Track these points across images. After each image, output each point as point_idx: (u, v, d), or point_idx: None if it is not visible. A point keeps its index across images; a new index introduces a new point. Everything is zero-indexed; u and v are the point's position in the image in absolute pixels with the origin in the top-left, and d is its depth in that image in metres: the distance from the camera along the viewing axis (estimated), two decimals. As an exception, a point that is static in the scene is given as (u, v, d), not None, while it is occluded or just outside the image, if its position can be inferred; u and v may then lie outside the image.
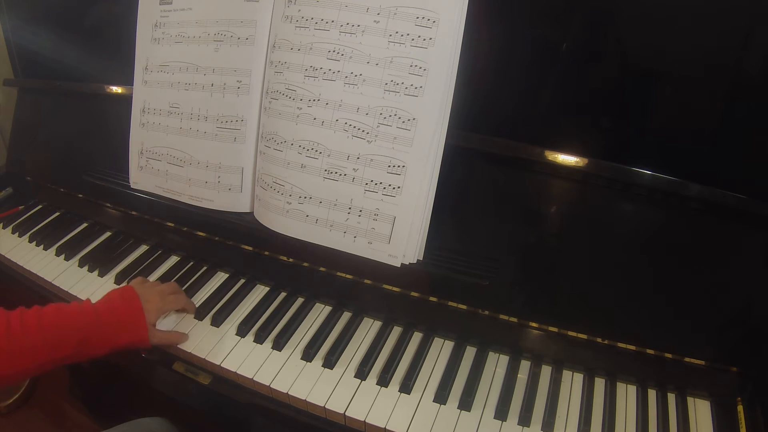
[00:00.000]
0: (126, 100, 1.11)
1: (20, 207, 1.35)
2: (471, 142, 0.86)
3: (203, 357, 0.91)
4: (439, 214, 0.86)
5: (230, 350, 0.92)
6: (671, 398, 0.84)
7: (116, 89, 1.17)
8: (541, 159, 0.83)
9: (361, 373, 0.87)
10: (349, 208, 0.88)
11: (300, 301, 1.01)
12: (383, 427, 0.79)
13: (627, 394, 0.85)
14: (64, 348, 0.80)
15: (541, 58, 0.86)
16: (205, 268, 1.10)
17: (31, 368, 0.79)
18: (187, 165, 1.03)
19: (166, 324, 0.96)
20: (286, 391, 0.84)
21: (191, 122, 1.02)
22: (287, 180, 0.91)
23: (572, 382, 0.87)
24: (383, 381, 0.86)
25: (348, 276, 0.97)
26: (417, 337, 0.94)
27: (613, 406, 0.82)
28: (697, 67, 0.79)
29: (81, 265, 1.13)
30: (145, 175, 1.10)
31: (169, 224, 1.13)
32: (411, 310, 0.94)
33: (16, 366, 0.77)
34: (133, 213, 1.18)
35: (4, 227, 1.28)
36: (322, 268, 0.98)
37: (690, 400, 0.84)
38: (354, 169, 0.87)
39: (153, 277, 1.09)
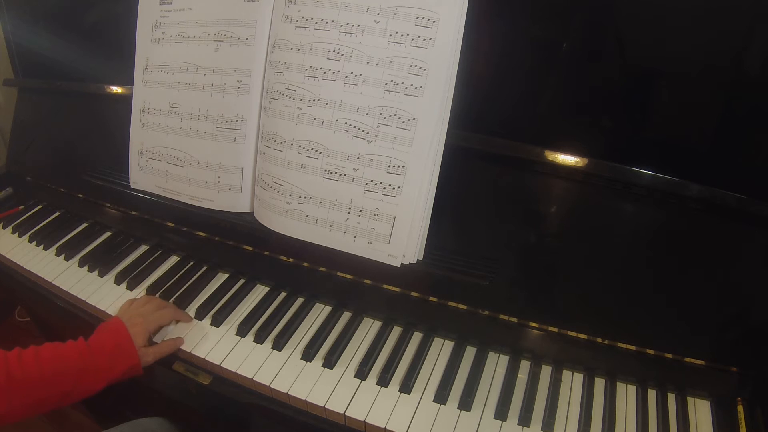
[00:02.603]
0: (126, 100, 1.11)
1: (20, 207, 1.35)
2: (471, 142, 0.86)
3: (203, 357, 0.91)
4: (439, 214, 0.86)
5: (230, 350, 0.92)
6: (671, 398, 0.84)
7: (116, 89, 1.17)
8: (541, 159, 0.83)
9: (361, 373, 0.87)
10: (349, 208, 0.88)
11: (300, 301, 1.01)
12: (383, 427, 0.79)
13: (627, 394, 0.85)
14: (61, 383, 0.80)
15: (541, 57, 0.85)
16: (205, 268, 1.10)
17: (30, 406, 0.79)
18: (187, 165, 1.03)
19: (165, 335, 0.95)
20: (286, 391, 0.84)
21: (191, 122, 1.02)
22: (287, 180, 0.91)
23: (572, 382, 0.87)
24: (383, 381, 0.86)
25: (348, 276, 0.97)
26: (417, 337, 0.94)
27: (613, 406, 0.82)
28: (697, 67, 0.79)
29: (81, 265, 1.13)
30: (145, 175, 1.10)
31: (169, 224, 1.13)
32: (411, 310, 0.94)
33: (15, 403, 0.77)
34: (133, 213, 1.18)
35: (4, 227, 1.28)
36: (322, 268, 0.98)
37: (690, 400, 0.84)
38: (354, 169, 0.87)
39: (153, 277, 1.09)
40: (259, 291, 1.04)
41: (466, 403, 0.82)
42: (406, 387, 0.84)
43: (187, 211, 1.05)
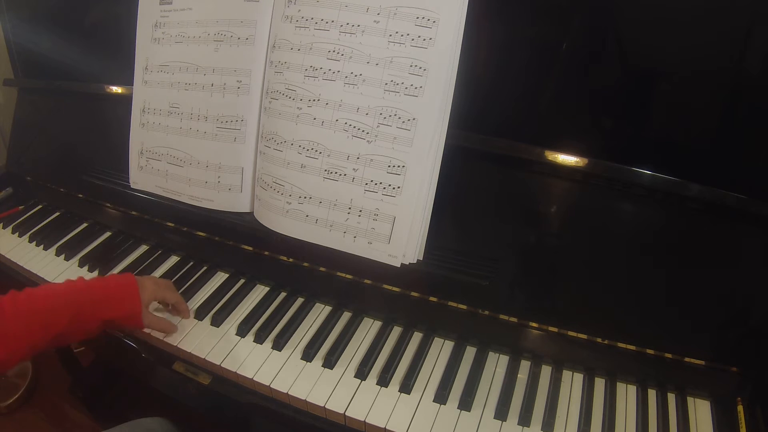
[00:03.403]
0: (126, 100, 1.11)
1: (20, 207, 1.35)
2: (471, 142, 0.86)
3: (203, 357, 0.91)
4: (439, 214, 0.86)
5: (230, 350, 0.91)
6: (671, 398, 0.84)
7: (116, 89, 1.17)
8: (541, 159, 0.83)
9: (361, 373, 0.87)
10: (349, 208, 0.88)
11: (300, 301, 1.01)
12: (383, 427, 0.79)
13: (627, 394, 0.85)
14: (56, 324, 0.79)
15: (541, 58, 0.85)
16: (205, 268, 1.10)
17: (25, 350, 0.78)
18: (187, 165, 1.03)
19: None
20: (286, 391, 0.84)
21: (191, 122, 1.02)
22: (287, 180, 0.91)
23: (572, 382, 0.87)
24: (383, 381, 0.86)
25: (348, 276, 0.97)
26: (417, 337, 0.94)
27: (613, 406, 0.82)
28: (697, 67, 0.79)
29: (81, 265, 1.13)
30: (145, 175, 1.10)
31: (169, 224, 1.13)
32: (411, 310, 0.94)
33: (11, 348, 0.76)
34: (133, 213, 1.18)
35: (4, 227, 1.28)
36: (322, 268, 0.98)
37: (690, 400, 0.84)
38: (354, 169, 0.87)
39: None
40: (259, 291, 1.04)
41: (466, 403, 0.82)
42: (406, 387, 0.84)
43: (187, 211, 1.06)
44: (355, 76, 0.85)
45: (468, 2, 0.79)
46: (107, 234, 1.23)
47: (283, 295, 1.03)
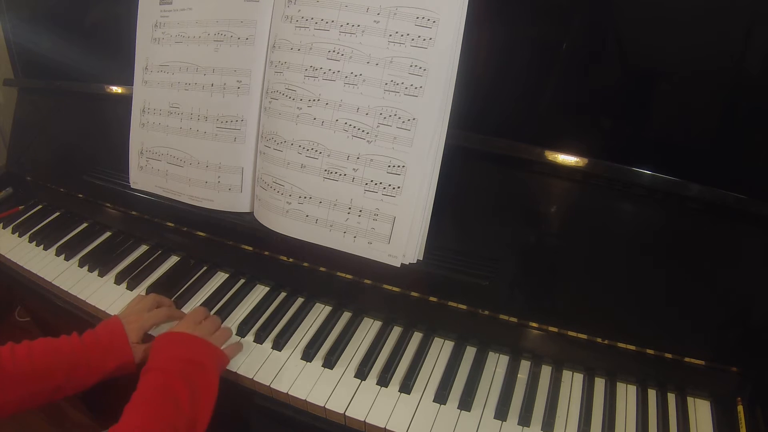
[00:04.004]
0: (126, 100, 1.11)
1: (20, 207, 1.35)
2: (471, 142, 0.86)
3: (203, 357, 0.91)
4: (439, 214, 0.86)
5: (230, 350, 0.91)
6: (671, 398, 0.84)
7: (116, 89, 1.17)
8: (541, 159, 0.83)
9: (361, 373, 0.87)
10: (349, 208, 0.88)
11: (300, 301, 1.01)
12: (383, 427, 0.79)
13: (627, 394, 0.85)
14: (54, 377, 0.81)
15: (541, 58, 0.85)
16: (205, 268, 1.10)
17: (23, 397, 0.79)
18: (187, 165, 1.03)
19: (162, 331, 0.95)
20: (285, 391, 0.84)
21: (191, 122, 1.02)
22: (287, 180, 0.91)
23: (572, 382, 0.87)
24: (383, 381, 0.86)
25: (348, 276, 0.97)
26: (417, 337, 0.94)
27: (613, 406, 0.82)
28: (697, 67, 0.79)
29: (81, 265, 1.13)
30: (145, 175, 1.10)
31: (169, 224, 1.13)
32: (411, 310, 0.94)
33: (9, 395, 0.78)
34: (133, 213, 1.18)
35: (4, 227, 1.28)
36: (322, 268, 0.98)
37: (690, 400, 0.84)
38: (354, 169, 0.87)
39: (153, 277, 1.09)
40: (259, 291, 1.04)
41: (466, 403, 0.82)
42: (406, 387, 0.84)
43: (187, 211, 1.05)
44: (355, 76, 0.85)
45: (468, 2, 0.79)
46: (107, 234, 1.23)
47: (283, 295, 1.03)
